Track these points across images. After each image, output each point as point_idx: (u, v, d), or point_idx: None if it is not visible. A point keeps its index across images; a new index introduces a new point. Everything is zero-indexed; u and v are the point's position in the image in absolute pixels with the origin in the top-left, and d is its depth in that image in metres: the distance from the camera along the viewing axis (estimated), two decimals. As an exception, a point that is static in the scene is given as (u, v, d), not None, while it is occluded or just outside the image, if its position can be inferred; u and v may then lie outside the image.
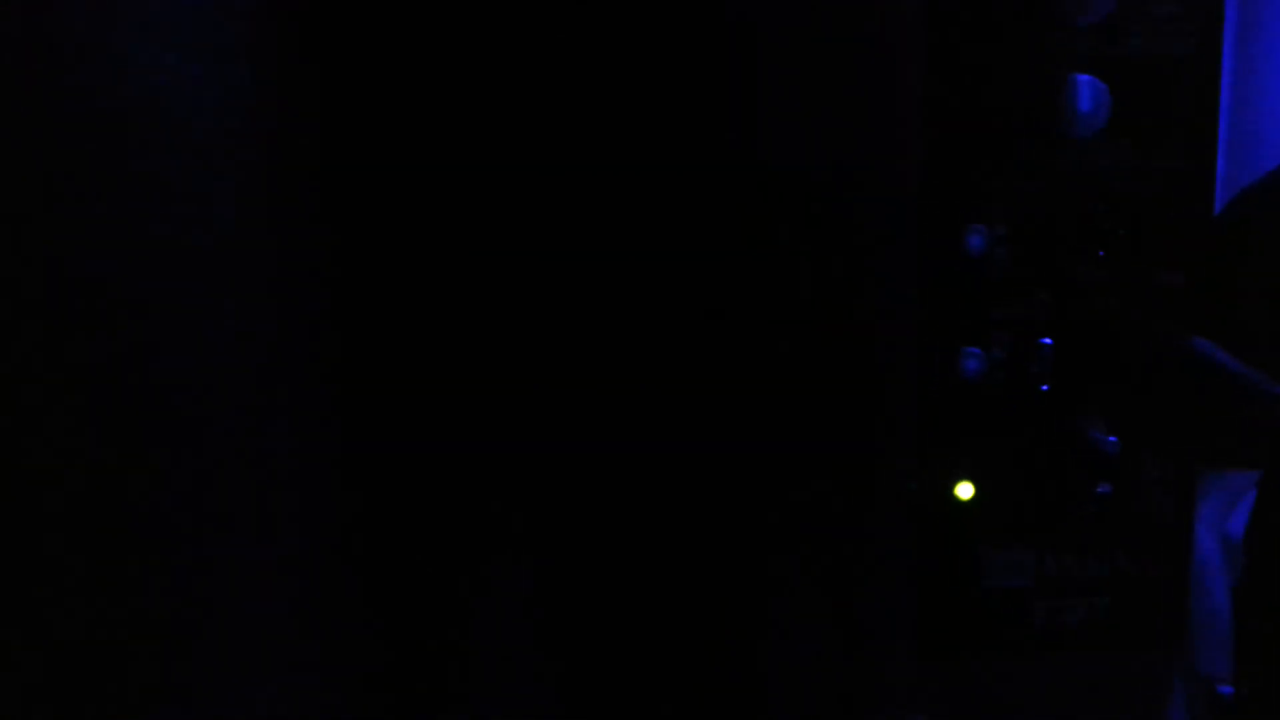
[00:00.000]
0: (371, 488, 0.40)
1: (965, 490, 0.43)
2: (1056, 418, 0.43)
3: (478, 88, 0.38)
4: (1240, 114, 0.62)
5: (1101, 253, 0.42)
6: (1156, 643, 0.44)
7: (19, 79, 0.34)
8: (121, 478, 0.36)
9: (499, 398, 0.40)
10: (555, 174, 0.39)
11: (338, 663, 0.40)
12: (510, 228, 0.39)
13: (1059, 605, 0.44)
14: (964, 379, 0.42)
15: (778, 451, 0.41)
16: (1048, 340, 0.42)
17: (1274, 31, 0.60)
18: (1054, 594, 0.44)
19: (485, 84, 0.38)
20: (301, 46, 0.37)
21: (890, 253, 0.41)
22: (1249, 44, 0.60)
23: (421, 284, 0.40)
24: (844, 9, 0.39)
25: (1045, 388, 0.43)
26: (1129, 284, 0.42)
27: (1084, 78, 0.41)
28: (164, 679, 0.38)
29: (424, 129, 0.38)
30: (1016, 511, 0.43)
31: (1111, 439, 0.42)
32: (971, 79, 0.41)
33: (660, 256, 0.40)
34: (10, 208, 0.35)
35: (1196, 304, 0.42)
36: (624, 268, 0.39)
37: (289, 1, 0.37)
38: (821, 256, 0.40)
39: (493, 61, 0.38)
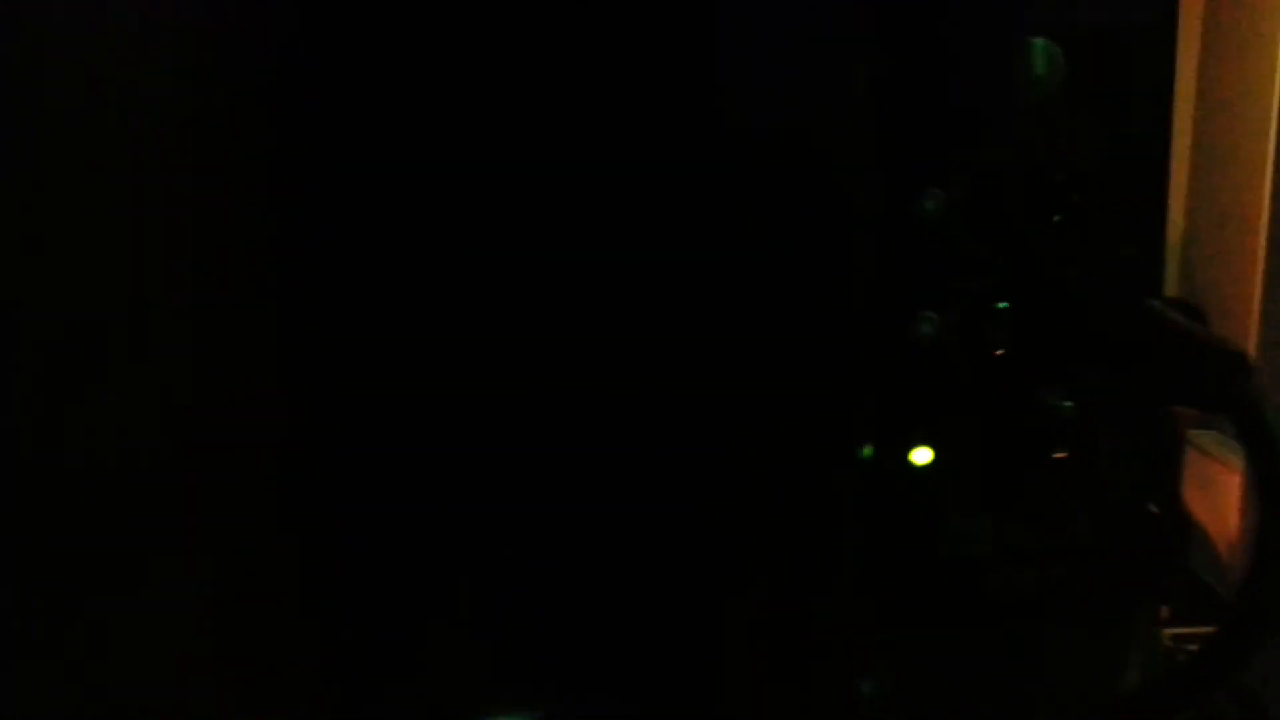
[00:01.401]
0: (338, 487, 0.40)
1: (921, 455, 0.43)
2: (1013, 383, 0.43)
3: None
4: (1208, 85, 0.62)
5: (1057, 218, 0.42)
6: (1114, 611, 0.44)
7: None
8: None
9: (464, 393, 0.40)
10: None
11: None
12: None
13: (1015, 573, 0.43)
14: (919, 343, 0.42)
15: (727, 419, 0.41)
16: (1003, 305, 0.42)
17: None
18: (1010, 561, 0.43)
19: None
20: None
21: (844, 217, 0.41)
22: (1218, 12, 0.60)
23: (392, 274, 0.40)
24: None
25: (1001, 353, 0.42)
26: (1084, 249, 0.42)
27: (1038, 41, 0.41)
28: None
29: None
30: (973, 478, 0.43)
31: (1068, 404, 0.42)
32: (925, 42, 0.41)
33: (607, 221, 0.40)
34: None
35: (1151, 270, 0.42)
36: (574, 232, 0.39)
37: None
38: (773, 221, 0.40)
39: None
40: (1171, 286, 0.68)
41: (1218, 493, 0.60)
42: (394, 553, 0.41)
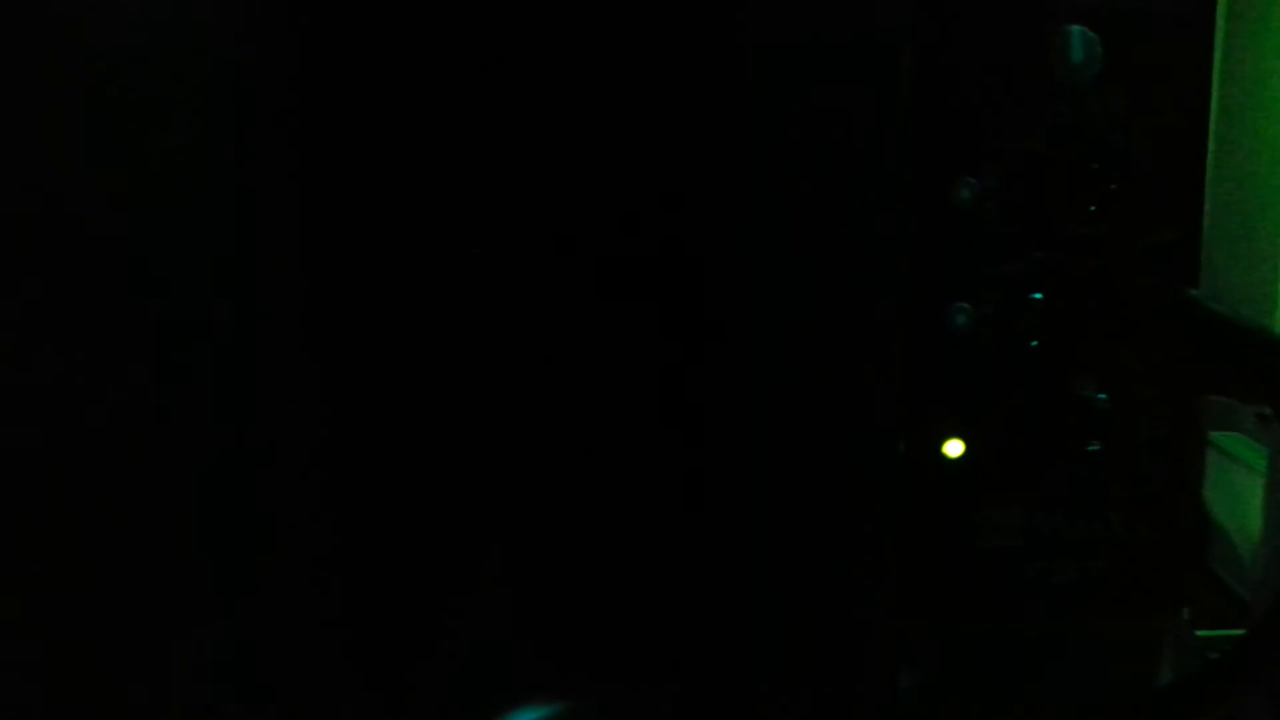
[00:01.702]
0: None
1: (954, 448, 0.42)
2: (1047, 375, 0.42)
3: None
4: (1236, 68, 0.61)
5: (1093, 207, 0.41)
6: (1148, 607, 0.44)
7: None
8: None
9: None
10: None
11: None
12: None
13: (1049, 567, 0.43)
14: (952, 334, 0.42)
15: (758, 411, 0.40)
16: (1038, 295, 0.42)
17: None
18: (1044, 555, 0.43)
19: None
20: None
21: (877, 205, 0.41)
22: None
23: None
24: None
25: (1036, 344, 0.42)
26: (1121, 239, 0.42)
27: (1075, 28, 0.40)
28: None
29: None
30: (1006, 470, 0.43)
31: (1103, 396, 0.42)
32: (960, 28, 0.41)
33: (632, 203, 0.39)
34: None
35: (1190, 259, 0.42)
36: (596, 206, 0.39)
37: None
38: (806, 209, 0.40)
39: None
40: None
41: (1239, 493, 0.60)
42: (416, 545, 0.40)
